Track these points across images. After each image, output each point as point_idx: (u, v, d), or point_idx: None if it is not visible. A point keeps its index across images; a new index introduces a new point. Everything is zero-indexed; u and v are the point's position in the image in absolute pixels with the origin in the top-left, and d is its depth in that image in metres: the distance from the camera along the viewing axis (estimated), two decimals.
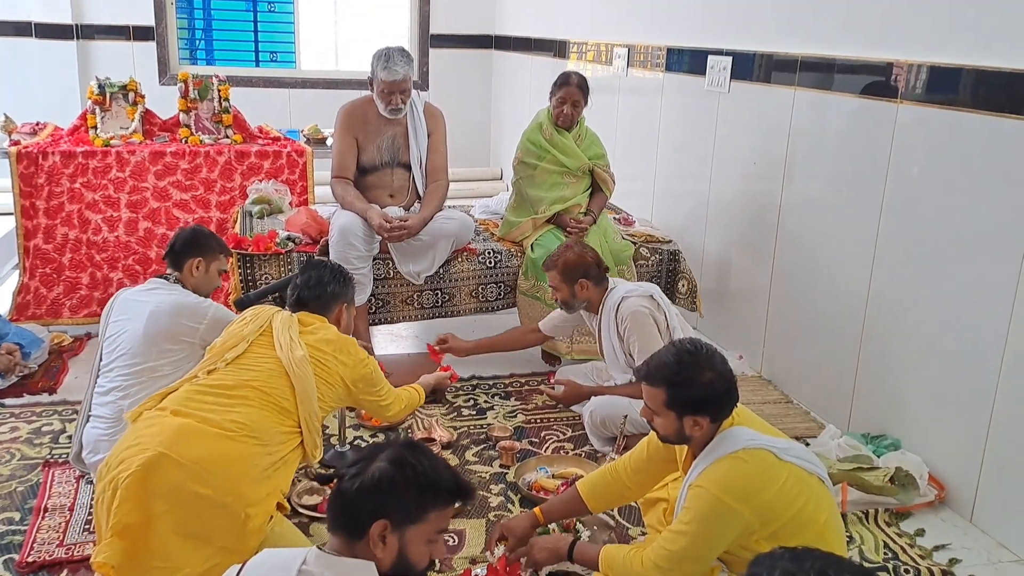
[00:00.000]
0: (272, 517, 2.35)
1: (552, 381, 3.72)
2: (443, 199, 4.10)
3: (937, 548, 2.78)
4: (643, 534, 2.65)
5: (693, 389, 2.10)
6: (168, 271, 3.11)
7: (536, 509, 2.53)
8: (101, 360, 2.97)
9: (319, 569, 1.62)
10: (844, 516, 2.87)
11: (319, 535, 2.67)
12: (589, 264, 3.34)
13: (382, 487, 1.63)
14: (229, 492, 2.22)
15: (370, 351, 3.87)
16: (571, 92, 4.03)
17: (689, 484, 2.13)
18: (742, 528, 2.05)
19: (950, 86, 2.94)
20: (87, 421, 2.90)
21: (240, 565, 1.69)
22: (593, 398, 3.39)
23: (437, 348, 3.74)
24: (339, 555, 1.64)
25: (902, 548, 2.78)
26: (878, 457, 3.10)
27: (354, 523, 1.63)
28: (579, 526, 2.66)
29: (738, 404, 2.19)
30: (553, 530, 2.58)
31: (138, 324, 2.89)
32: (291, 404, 2.45)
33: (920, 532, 2.87)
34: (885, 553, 2.75)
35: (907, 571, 2.66)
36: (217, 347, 2.57)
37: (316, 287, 2.73)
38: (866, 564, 2.66)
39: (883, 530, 2.87)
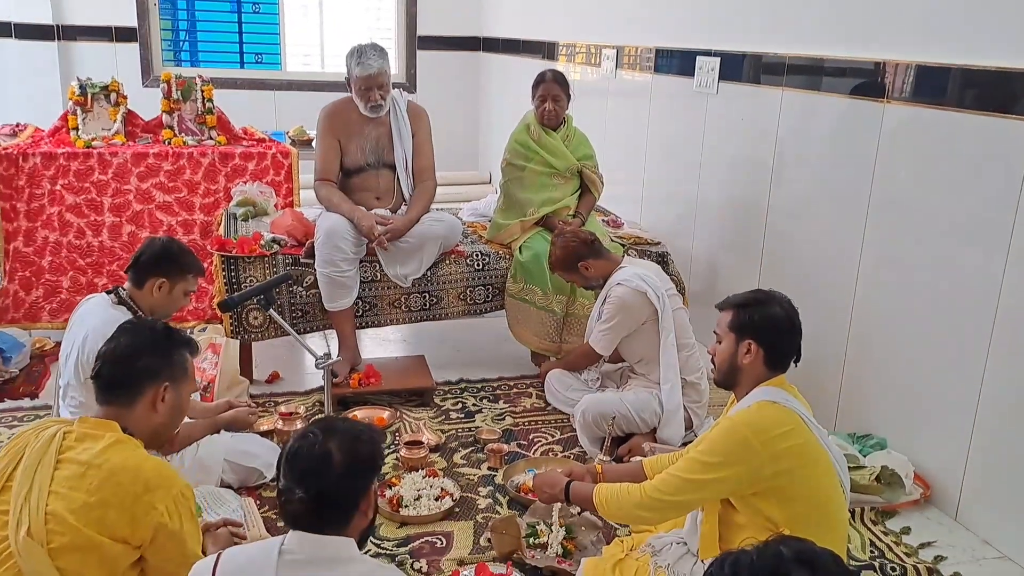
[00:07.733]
0: None
1: (540, 374, 3.84)
2: (430, 200, 4.03)
3: (923, 546, 2.79)
4: (628, 535, 2.63)
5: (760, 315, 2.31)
6: (125, 284, 2.83)
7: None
8: (60, 378, 2.78)
9: (301, 548, 1.65)
10: None
11: None
12: (579, 247, 3.47)
13: (358, 463, 1.68)
14: None
15: (357, 356, 3.87)
16: (549, 87, 4.04)
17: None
18: (752, 465, 2.06)
19: (937, 85, 2.94)
20: None
21: (216, 555, 1.69)
22: (585, 397, 3.38)
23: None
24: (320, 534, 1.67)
25: (888, 546, 2.78)
26: (864, 456, 3.10)
27: (346, 508, 1.68)
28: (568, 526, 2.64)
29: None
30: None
31: (75, 356, 2.65)
32: None
33: (906, 530, 2.88)
34: (871, 551, 2.75)
35: (893, 569, 2.66)
36: None
37: (121, 363, 2.00)
38: (852, 563, 2.66)
39: (869, 528, 2.88)
